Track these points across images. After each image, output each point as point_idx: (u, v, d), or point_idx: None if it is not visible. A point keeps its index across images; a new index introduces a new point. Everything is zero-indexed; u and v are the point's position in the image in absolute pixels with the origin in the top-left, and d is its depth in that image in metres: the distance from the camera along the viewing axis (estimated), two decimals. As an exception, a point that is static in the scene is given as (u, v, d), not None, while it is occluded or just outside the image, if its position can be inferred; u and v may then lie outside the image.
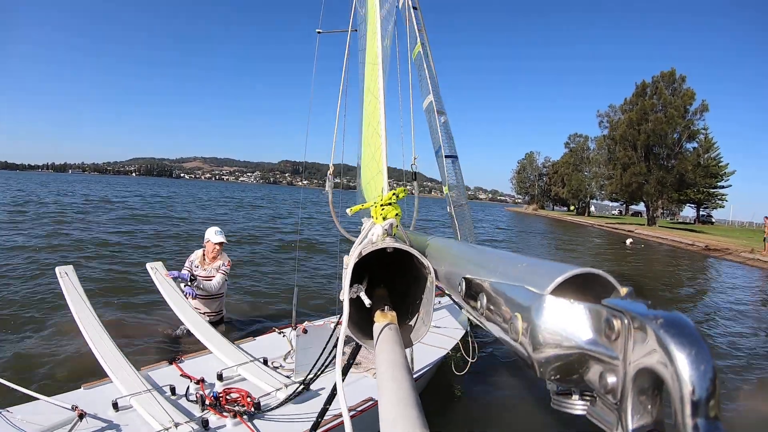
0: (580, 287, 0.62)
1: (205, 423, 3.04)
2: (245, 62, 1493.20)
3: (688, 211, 77.30)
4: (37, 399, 3.27)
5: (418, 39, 3.51)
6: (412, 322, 1.27)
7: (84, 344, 3.94)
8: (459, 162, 4.04)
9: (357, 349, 1.62)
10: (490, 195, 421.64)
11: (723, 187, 64.13)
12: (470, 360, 4.72)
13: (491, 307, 0.76)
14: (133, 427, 3.09)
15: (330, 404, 2.04)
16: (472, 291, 0.86)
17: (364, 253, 1.20)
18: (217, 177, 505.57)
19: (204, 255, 6.08)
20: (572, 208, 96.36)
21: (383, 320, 1.15)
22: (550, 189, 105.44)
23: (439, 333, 5.05)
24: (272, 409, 3.23)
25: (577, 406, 0.60)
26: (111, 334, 4.04)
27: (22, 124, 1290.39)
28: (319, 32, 5.44)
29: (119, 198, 41.03)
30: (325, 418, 3.00)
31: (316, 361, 2.96)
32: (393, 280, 1.55)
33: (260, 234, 20.81)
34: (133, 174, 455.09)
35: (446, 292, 1.11)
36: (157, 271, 5.41)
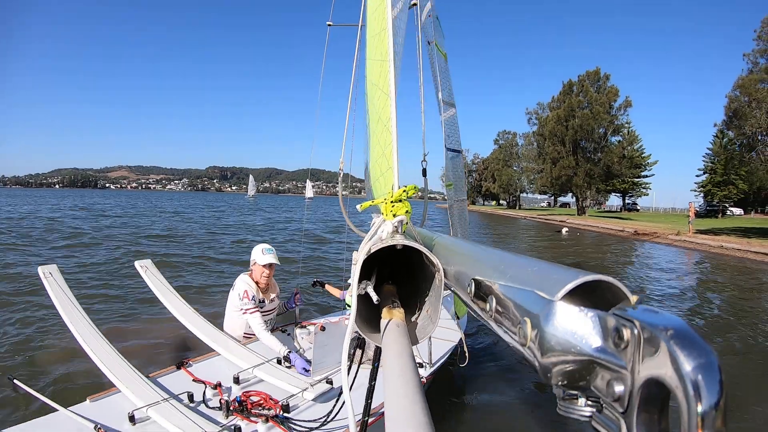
0: (589, 293, 0.62)
1: (238, 429, 2.83)
2: (166, 64, 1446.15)
3: (614, 200, 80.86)
4: (56, 411, 3.03)
5: (434, 34, 3.42)
6: (419, 320, 1.27)
7: (78, 352, 3.65)
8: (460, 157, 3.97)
9: (365, 342, 1.59)
10: (418, 193, 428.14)
11: (646, 176, 67.98)
12: (460, 365, 4.73)
13: (500, 310, 0.76)
14: None
15: (371, 398, 1.93)
16: (482, 292, 0.86)
17: (373, 250, 1.20)
18: (143, 186, 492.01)
19: (257, 283, 4.73)
20: (501, 201, 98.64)
21: (390, 317, 1.15)
22: (481, 185, 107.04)
23: (444, 327, 4.92)
24: (301, 410, 3.12)
25: (584, 412, 0.60)
26: (109, 339, 3.76)
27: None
28: (330, 25, 5.34)
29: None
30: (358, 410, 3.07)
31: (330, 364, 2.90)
32: (402, 277, 1.55)
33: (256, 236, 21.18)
34: (57, 186, 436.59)
35: (454, 291, 1.10)
36: (147, 269, 4.95)
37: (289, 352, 4.11)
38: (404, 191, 1.48)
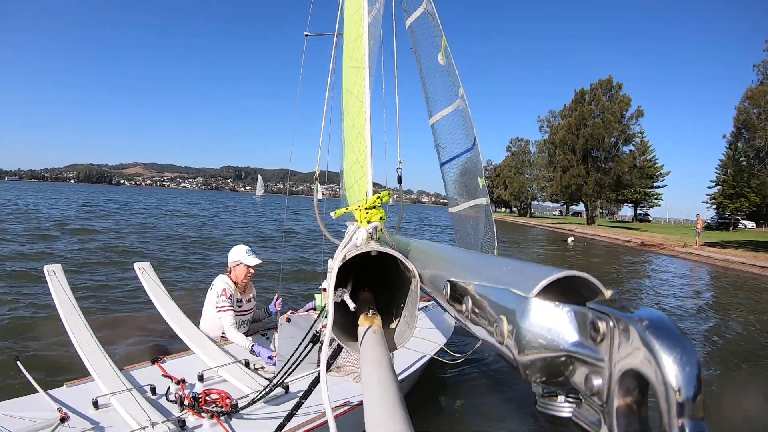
0: (565, 290, 0.62)
1: (182, 423, 3.04)
2: (185, 67, 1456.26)
3: (626, 210, 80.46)
4: (37, 393, 3.37)
5: (443, 34, 3.40)
6: (396, 326, 1.27)
7: (70, 343, 3.93)
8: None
9: (338, 350, 1.60)
10: (433, 198, 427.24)
11: (659, 187, 67.39)
12: (449, 362, 4.72)
13: (476, 310, 0.76)
14: (113, 425, 3.10)
15: (305, 399, 2.01)
16: (457, 294, 0.86)
17: (348, 257, 1.19)
18: (158, 183, 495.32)
19: (236, 283, 4.88)
20: (513, 209, 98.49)
21: (367, 324, 1.14)
22: (493, 191, 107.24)
23: (423, 337, 5.00)
24: (246, 408, 3.18)
25: (563, 408, 0.60)
26: (97, 334, 4.05)
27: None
28: (307, 35, 5.40)
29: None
30: (305, 419, 3.07)
31: (288, 360, 2.94)
32: (378, 283, 1.54)
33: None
34: (72, 181, 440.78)
35: (431, 295, 1.10)
36: (144, 271, 5.21)
37: (253, 345, 4.35)
38: (378, 198, 1.49)
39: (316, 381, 1.98)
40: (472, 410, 5.06)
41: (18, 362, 3.86)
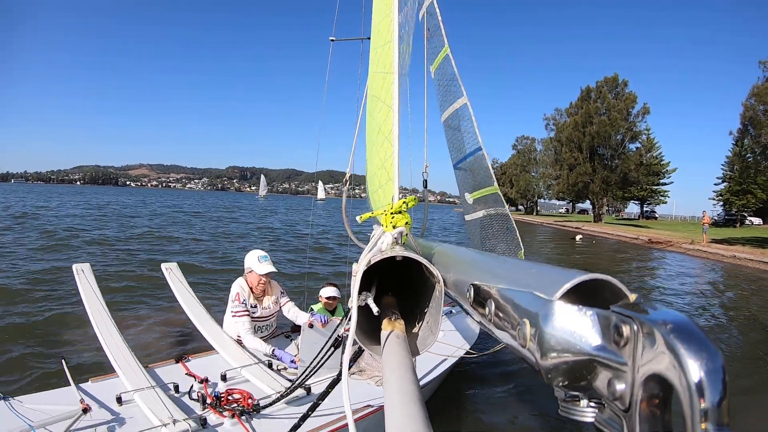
0: (588, 293, 0.62)
1: (203, 421, 3.08)
2: (190, 63, 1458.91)
3: (633, 208, 79.99)
4: (69, 386, 3.49)
5: (446, 41, 3.36)
6: (420, 331, 1.26)
7: (97, 340, 4.04)
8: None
9: (359, 353, 1.61)
10: (438, 197, 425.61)
11: (665, 184, 66.81)
12: (470, 359, 4.67)
13: (499, 314, 0.76)
14: (135, 421, 3.14)
15: (322, 400, 2.07)
16: (480, 297, 0.86)
17: (373, 261, 1.20)
18: (164, 184, 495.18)
19: (251, 289, 4.69)
20: (519, 207, 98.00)
21: (390, 328, 1.14)
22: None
23: (447, 342, 4.97)
24: (268, 408, 3.22)
25: (586, 413, 0.60)
26: (123, 332, 4.14)
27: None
28: (332, 40, 5.40)
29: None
30: (327, 420, 3.11)
31: (306, 372, 2.96)
32: (402, 288, 1.54)
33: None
34: (78, 182, 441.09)
35: (454, 299, 1.10)
36: (171, 271, 5.32)
37: (273, 349, 4.28)
38: (404, 203, 1.48)
39: (335, 382, 2.02)
40: (493, 415, 5.03)
41: (63, 360, 3.95)
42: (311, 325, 4.11)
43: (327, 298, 5.31)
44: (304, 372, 2.70)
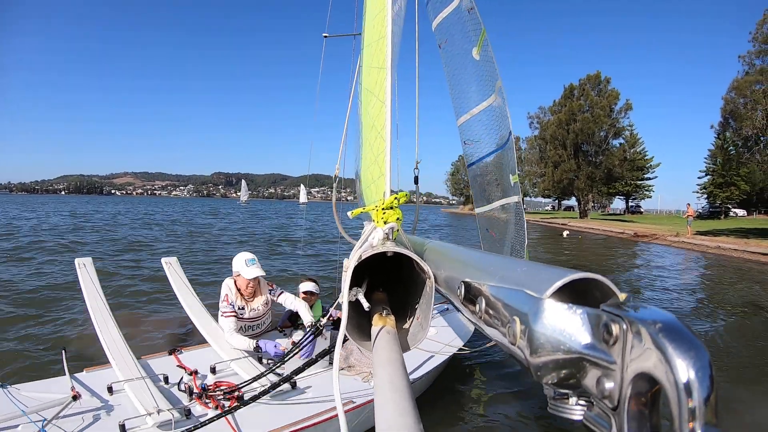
0: (579, 292, 0.62)
1: (187, 411, 3.18)
2: (172, 68, 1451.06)
3: (618, 203, 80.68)
4: (63, 375, 3.63)
5: (483, 26, 3.29)
6: (410, 327, 1.27)
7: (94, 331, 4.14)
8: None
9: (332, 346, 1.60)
10: (424, 198, 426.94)
11: (649, 178, 67.65)
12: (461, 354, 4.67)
13: (490, 311, 0.76)
14: (122, 409, 3.26)
15: (296, 375, 2.23)
16: (471, 295, 0.86)
17: (364, 257, 1.19)
18: (149, 192, 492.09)
19: (239, 290, 4.62)
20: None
21: (381, 324, 1.14)
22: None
23: (440, 340, 4.99)
24: (252, 401, 3.19)
25: (575, 410, 0.60)
26: (121, 325, 4.24)
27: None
28: (325, 36, 5.39)
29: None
30: (314, 412, 3.21)
31: (290, 355, 3.14)
32: (393, 284, 1.54)
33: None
34: (62, 192, 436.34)
35: (445, 295, 1.10)
36: (170, 265, 5.40)
37: (257, 342, 4.30)
38: (395, 198, 1.48)
39: (312, 362, 2.17)
40: (485, 412, 5.05)
41: (63, 351, 4.04)
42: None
43: (304, 292, 5.24)
44: (281, 360, 2.98)
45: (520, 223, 3.48)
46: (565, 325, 0.58)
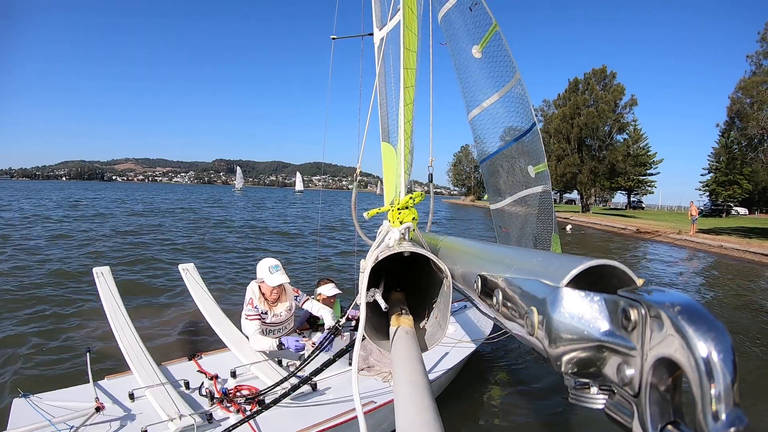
0: (596, 280, 0.62)
1: (209, 416, 3.19)
2: (175, 54, 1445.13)
3: (619, 198, 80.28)
4: (87, 383, 3.65)
5: (493, 18, 3.25)
6: (428, 327, 1.26)
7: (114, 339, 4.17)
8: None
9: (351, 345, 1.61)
10: (426, 188, 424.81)
11: (652, 174, 67.21)
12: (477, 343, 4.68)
13: (507, 303, 0.75)
14: (144, 416, 3.28)
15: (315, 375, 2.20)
16: (488, 288, 0.85)
17: (380, 258, 1.19)
18: (150, 178, 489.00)
19: (263, 295, 4.57)
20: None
21: (399, 324, 1.14)
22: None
23: (459, 338, 4.98)
24: (279, 407, 3.23)
25: (596, 400, 0.60)
26: (139, 331, 4.30)
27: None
28: (334, 38, 5.41)
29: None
30: (334, 414, 3.22)
31: (311, 357, 3.10)
32: (410, 283, 1.54)
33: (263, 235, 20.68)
34: (63, 178, 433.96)
35: (462, 291, 1.10)
36: (187, 271, 5.49)
37: (280, 337, 4.26)
38: (411, 198, 1.48)
39: (330, 362, 2.15)
40: (506, 410, 5.04)
41: (88, 353, 4.07)
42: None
43: (329, 296, 5.19)
44: (304, 362, 2.95)
45: (547, 212, 3.44)
46: (582, 313, 0.57)
